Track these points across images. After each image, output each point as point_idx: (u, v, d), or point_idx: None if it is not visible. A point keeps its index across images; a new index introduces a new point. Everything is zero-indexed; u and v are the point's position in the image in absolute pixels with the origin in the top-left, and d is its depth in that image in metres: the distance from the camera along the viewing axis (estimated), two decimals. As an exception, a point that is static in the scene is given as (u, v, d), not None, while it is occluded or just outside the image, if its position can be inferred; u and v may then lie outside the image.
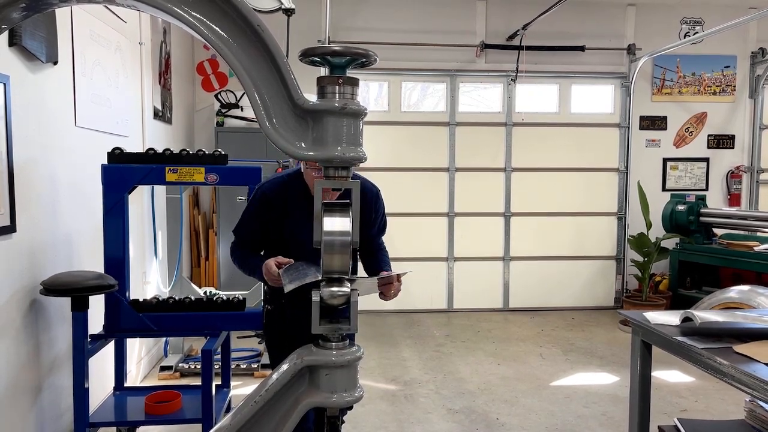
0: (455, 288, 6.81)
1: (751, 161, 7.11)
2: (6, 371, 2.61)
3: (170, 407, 3.12)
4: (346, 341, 1.53)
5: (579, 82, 6.87)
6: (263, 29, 1.31)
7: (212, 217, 6.17)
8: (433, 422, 3.75)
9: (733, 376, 1.80)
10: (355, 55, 1.40)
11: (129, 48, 4.21)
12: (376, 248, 2.55)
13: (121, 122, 4.03)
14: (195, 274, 6.07)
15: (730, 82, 7.03)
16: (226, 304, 3.14)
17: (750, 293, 4.60)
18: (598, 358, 5.07)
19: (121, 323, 3.04)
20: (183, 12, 1.31)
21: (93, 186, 3.30)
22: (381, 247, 2.57)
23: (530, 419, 3.81)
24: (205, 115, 6.30)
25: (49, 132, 3.01)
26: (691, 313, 2.08)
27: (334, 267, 1.46)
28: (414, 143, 6.71)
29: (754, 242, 5.69)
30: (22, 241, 2.72)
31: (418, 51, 6.55)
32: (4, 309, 2.60)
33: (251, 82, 1.34)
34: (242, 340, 5.22)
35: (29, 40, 2.71)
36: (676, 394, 4.22)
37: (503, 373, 4.65)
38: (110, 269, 3.02)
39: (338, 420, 1.58)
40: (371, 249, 2.53)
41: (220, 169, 3.08)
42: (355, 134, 1.40)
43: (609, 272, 7.02)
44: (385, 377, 4.54)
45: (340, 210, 1.47)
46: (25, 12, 1.34)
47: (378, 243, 2.56)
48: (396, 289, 2.23)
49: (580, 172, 6.88)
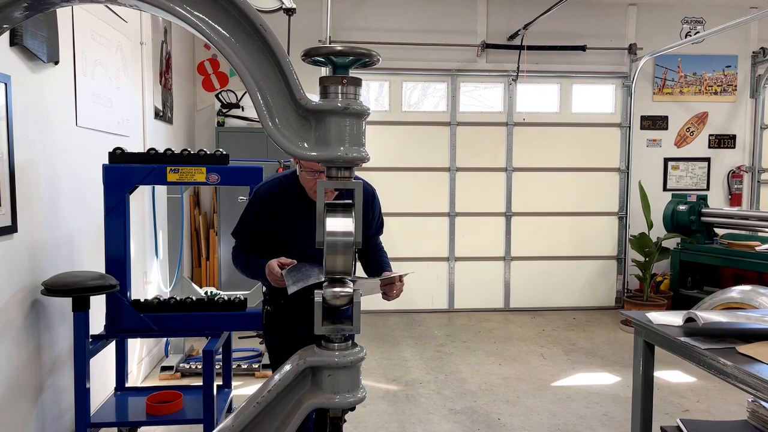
0: (456, 288, 6.81)
1: (752, 161, 7.11)
2: (7, 371, 2.60)
3: (171, 408, 3.12)
4: (348, 342, 1.52)
5: (580, 81, 6.86)
6: (266, 29, 1.30)
7: (213, 217, 6.16)
8: (434, 422, 3.74)
9: (736, 376, 1.80)
10: (359, 55, 1.40)
11: (130, 48, 4.20)
12: (374, 248, 2.54)
13: (122, 122, 4.03)
14: (196, 274, 6.07)
15: (731, 82, 7.02)
16: (227, 305, 3.14)
17: (751, 293, 4.59)
18: (600, 358, 5.07)
19: (122, 323, 3.04)
20: (185, 11, 1.30)
21: (94, 186, 3.30)
22: (379, 248, 2.57)
23: (532, 419, 3.80)
24: (206, 114, 6.30)
25: (50, 132, 3.00)
26: (694, 314, 2.07)
27: (337, 267, 1.46)
28: (415, 143, 6.70)
29: (755, 242, 5.69)
30: (23, 241, 2.71)
31: (418, 51, 6.54)
32: (6, 309, 2.60)
33: (254, 81, 1.34)
34: (243, 340, 5.22)
35: (30, 40, 2.70)
36: (678, 394, 4.21)
37: (504, 374, 4.65)
38: (111, 269, 3.02)
39: (341, 421, 1.58)
40: (369, 249, 2.53)
41: (222, 169, 3.08)
42: (358, 134, 1.39)
43: (610, 272, 7.02)
44: (386, 377, 4.54)
45: (342, 210, 1.46)
46: (27, 11, 1.34)
47: (376, 243, 2.56)
48: (398, 289, 2.22)
49: (581, 172, 6.88)
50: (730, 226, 5.98)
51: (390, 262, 2.54)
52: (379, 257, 2.53)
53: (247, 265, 2.37)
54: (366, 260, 2.53)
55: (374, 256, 2.52)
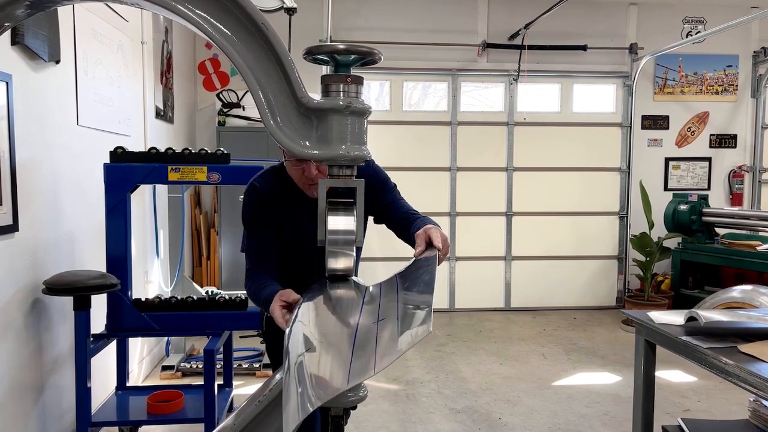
0: (457, 287, 6.81)
1: (753, 161, 7.10)
2: (8, 370, 2.60)
3: (172, 407, 3.12)
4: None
5: (581, 81, 6.86)
6: (267, 27, 1.30)
7: (214, 216, 6.16)
8: (435, 422, 3.74)
9: (738, 375, 1.80)
10: (361, 53, 1.40)
11: (131, 47, 4.20)
12: (406, 213, 2.08)
13: (123, 121, 4.03)
14: (196, 274, 6.07)
15: (732, 82, 7.02)
16: (228, 304, 3.14)
17: (752, 293, 4.58)
18: (600, 357, 5.07)
19: (123, 323, 3.04)
20: (186, 9, 1.30)
21: (95, 185, 3.30)
22: (415, 213, 2.08)
23: (532, 419, 3.80)
24: (207, 114, 6.30)
25: (51, 131, 3.00)
26: (696, 313, 2.07)
27: (339, 267, 1.45)
28: (415, 143, 6.70)
29: (756, 242, 5.69)
30: (24, 240, 2.71)
31: (419, 50, 6.54)
32: (7, 308, 2.60)
33: (255, 80, 1.33)
34: (244, 339, 5.22)
35: (31, 39, 2.70)
36: (679, 393, 4.21)
37: (505, 373, 4.65)
38: (112, 268, 3.02)
39: (342, 420, 1.57)
40: (401, 215, 2.08)
41: (223, 168, 3.07)
42: (360, 133, 1.39)
43: (611, 272, 7.02)
44: (386, 377, 4.54)
45: (344, 209, 1.46)
46: (28, 10, 1.34)
47: (407, 209, 2.11)
48: (442, 237, 1.76)
49: (581, 172, 6.87)
50: (731, 226, 5.98)
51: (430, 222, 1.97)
52: (424, 219, 1.98)
53: (257, 298, 1.97)
54: (402, 228, 2.05)
55: (416, 224, 1.95)
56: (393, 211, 2.11)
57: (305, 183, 2.08)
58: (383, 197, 2.14)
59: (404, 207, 2.12)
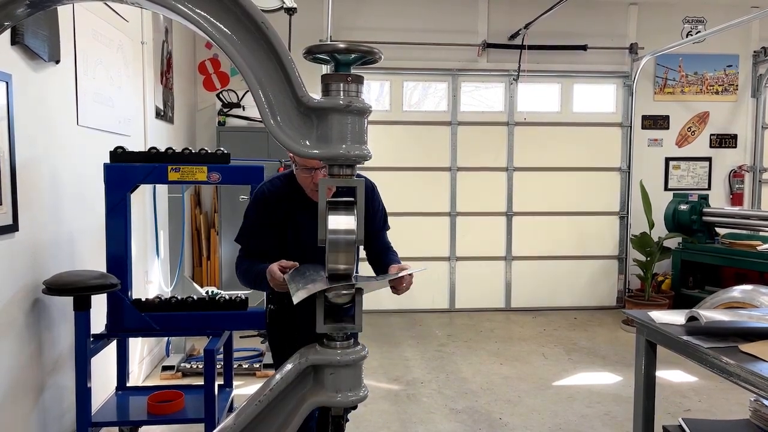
0: (457, 288, 6.81)
1: (753, 161, 7.10)
2: (8, 370, 2.60)
3: (172, 407, 3.12)
4: (350, 340, 1.52)
5: (581, 81, 6.86)
6: (268, 26, 1.30)
7: (214, 216, 6.16)
8: (435, 422, 3.74)
9: (739, 375, 1.79)
10: (361, 52, 1.39)
11: (131, 47, 4.20)
12: (383, 248, 2.44)
13: (123, 121, 4.03)
14: (197, 274, 6.06)
15: (733, 82, 7.02)
16: (228, 304, 3.14)
17: (753, 293, 4.58)
18: (601, 357, 5.06)
19: (123, 323, 3.04)
20: (187, 9, 1.30)
21: (95, 185, 3.29)
22: (388, 246, 2.47)
23: (533, 419, 3.80)
24: (207, 114, 6.30)
25: (51, 131, 3.00)
26: (696, 313, 2.07)
27: (340, 266, 1.45)
28: (415, 143, 6.70)
29: (756, 242, 5.69)
30: (24, 240, 2.71)
31: (419, 50, 6.54)
32: (7, 308, 2.60)
33: (255, 79, 1.33)
34: (244, 339, 5.22)
35: (31, 39, 2.70)
36: (680, 393, 4.21)
37: (506, 373, 4.65)
38: (112, 268, 3.01)
39: (343, 419, 1.57)
40: (379, 248, 2.43)
41: (223, 168, 3.07)
42: (360, 132, 1.39)
43: (611, 272, 7.01)
44: (387, 377, 4.54)
45: (344, 208, 1.46)
46: (29, 9, 1.34)
47: (384, 242, 2.48)
48: (408, 282, 2.09)
49: (582, 172, 6.87)
50: (732, 226, 5.98)
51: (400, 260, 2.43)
52: (390, 256, 2.40)
53: (249, 273, 2.22)
54: (377, 261, 2.41)
55: (387, 256, 2.40)
56: (375, 240, 2.43)
57: (313, 190, 2.21)
58: (374, 224, 2.40)
59: (385, 241, 2.48)
